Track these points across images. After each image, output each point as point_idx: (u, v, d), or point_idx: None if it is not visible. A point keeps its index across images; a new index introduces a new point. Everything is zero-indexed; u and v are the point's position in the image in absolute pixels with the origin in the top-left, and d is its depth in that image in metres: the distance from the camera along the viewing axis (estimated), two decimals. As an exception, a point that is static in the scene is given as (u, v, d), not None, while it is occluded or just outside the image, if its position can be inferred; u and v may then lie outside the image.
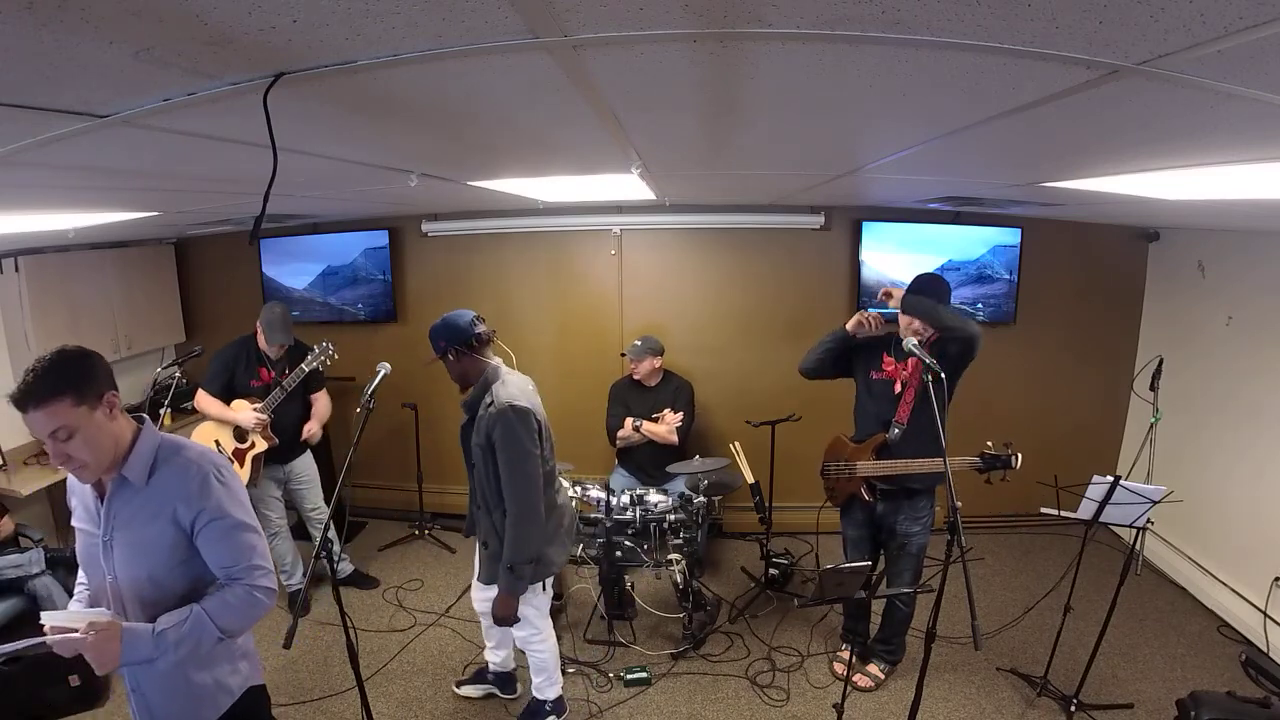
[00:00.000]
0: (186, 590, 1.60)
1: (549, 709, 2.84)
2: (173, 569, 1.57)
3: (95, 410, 1.46)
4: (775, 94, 1.17)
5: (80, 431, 1.43)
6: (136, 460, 1.54)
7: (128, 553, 1.56)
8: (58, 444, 1.43)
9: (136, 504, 1.55)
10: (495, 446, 2.35)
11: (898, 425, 2.78)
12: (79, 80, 0.90)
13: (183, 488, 1.56)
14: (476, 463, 2.47)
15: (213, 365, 3.49)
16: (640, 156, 2.00)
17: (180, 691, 1.64)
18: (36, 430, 1.43)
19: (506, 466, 2.35)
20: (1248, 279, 3.60)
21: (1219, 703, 2.46)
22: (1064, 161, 1.80)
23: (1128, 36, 0.75)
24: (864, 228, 4.35)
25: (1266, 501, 3.41)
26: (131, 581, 1.56)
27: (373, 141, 1.60)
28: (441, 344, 2.49)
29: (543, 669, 2.79)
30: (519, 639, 2.78)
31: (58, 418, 1.41)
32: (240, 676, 1.74)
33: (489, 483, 2.44)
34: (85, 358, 1.49)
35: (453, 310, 2.56)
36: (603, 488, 3.42)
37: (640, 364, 3.97)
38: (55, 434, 1.41)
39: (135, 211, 2.71)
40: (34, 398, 1.39)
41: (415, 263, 4.78)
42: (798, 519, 4.18)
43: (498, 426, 2.33)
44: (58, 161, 1.45)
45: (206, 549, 1.59)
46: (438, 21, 0.77)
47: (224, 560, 1.59)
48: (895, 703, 2.99)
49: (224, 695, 1.70)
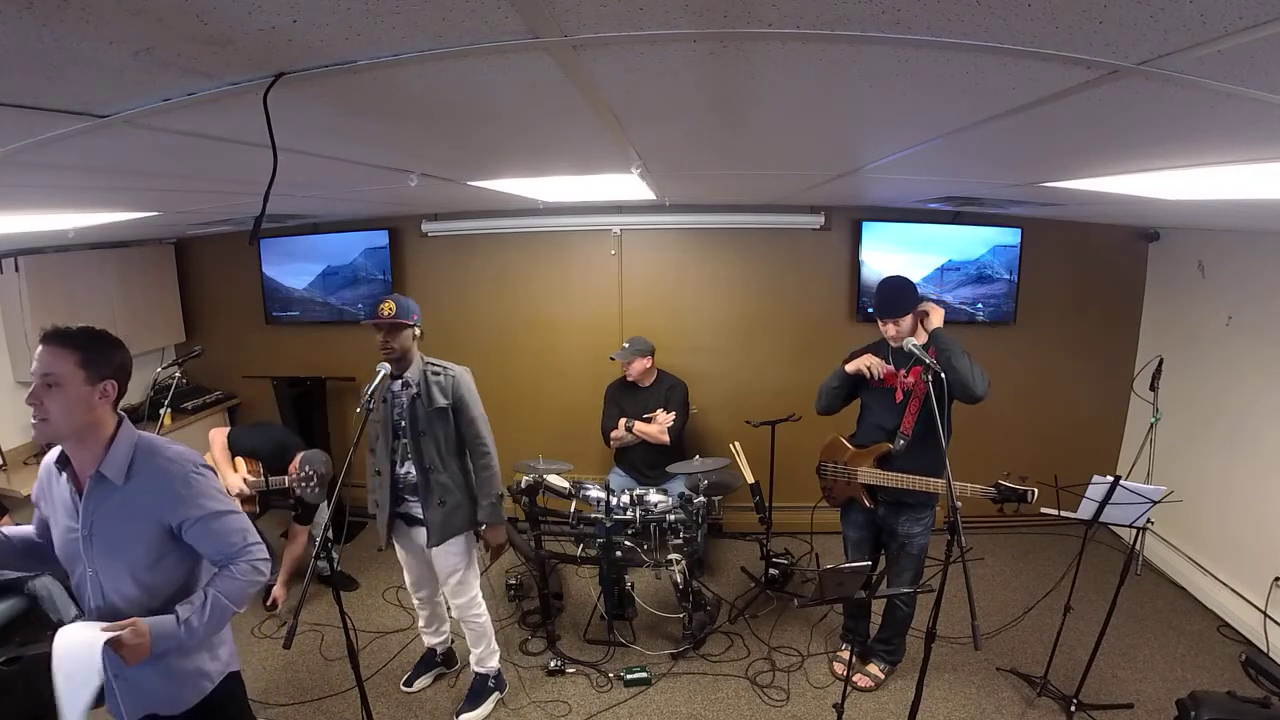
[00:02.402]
0: (170, 583, 1.67)
1: (492, 684, 3.00)
2: (150, 566, 1.64)
3: (89, 384, 1.54)
4: (775, 94, 1.17)
5: (64, 389, 1.51)
6: (114, 458, 1.59)
7: (107, 548, 1.61)
8: (41, 388, 1.51)
9: (114, 502, 1.60)
10: (464, 403, 2.72)
11: (902, 437, 2.78)
12: (79, 80, 0.90)
13: (166, 490, 1.62)
14: (427, 429, 2.68)
15: (247, 438, 3.45)
16: (640, 156, 2.00)
17: (164, 677, 1.69)
18: (37, 364, 1.52)
19: (479, 417, 2.77)
20: (1248, 279, 3.60)
21: (1219, 703, 2.45)
22: (1064, 161, 1.80)
23: (1128, 36, 0.75)
24: (864, 227, 4.35)
25: (1266, 501, 3.41)
26: (111, 575, 1.62)
27: (373, 141, 1.60)
28: (415, 317, 2.68)
29: (483, 635, 2.96)
30: (458, 607, 2.90)
31: (56, 364, 1.50)
32: (220, 663, 1.81)
33: (446, 443, 2.72)
34: (115, 344, 1.61)
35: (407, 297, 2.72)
36: (602, 488, 3.41)
37: (630, 365, 3.98)
38: (45, 377, 1.50)
39: (135, 211, 2.71)
40: (53, 338, 1.52)
41: (415, 263, 4.78)
42: (798, 519, 4.18)
43: (462, 386, 2.73)
44: (58, 161, 1.45)
45: (200, 543, 1.67)
46: (438, 21, 0.77)
47: (220, 548, 1.69)
48: (895, 703, 2.99)
49: (204, 680, 1.77)
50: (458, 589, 2.87)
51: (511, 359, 4.76)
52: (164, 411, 3.97)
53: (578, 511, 3.42)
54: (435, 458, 2.70)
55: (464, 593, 2.88)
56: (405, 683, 3.12)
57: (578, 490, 3.41)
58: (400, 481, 2.78)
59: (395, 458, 2.76)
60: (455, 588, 2.86)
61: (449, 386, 2.71)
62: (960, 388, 2.59)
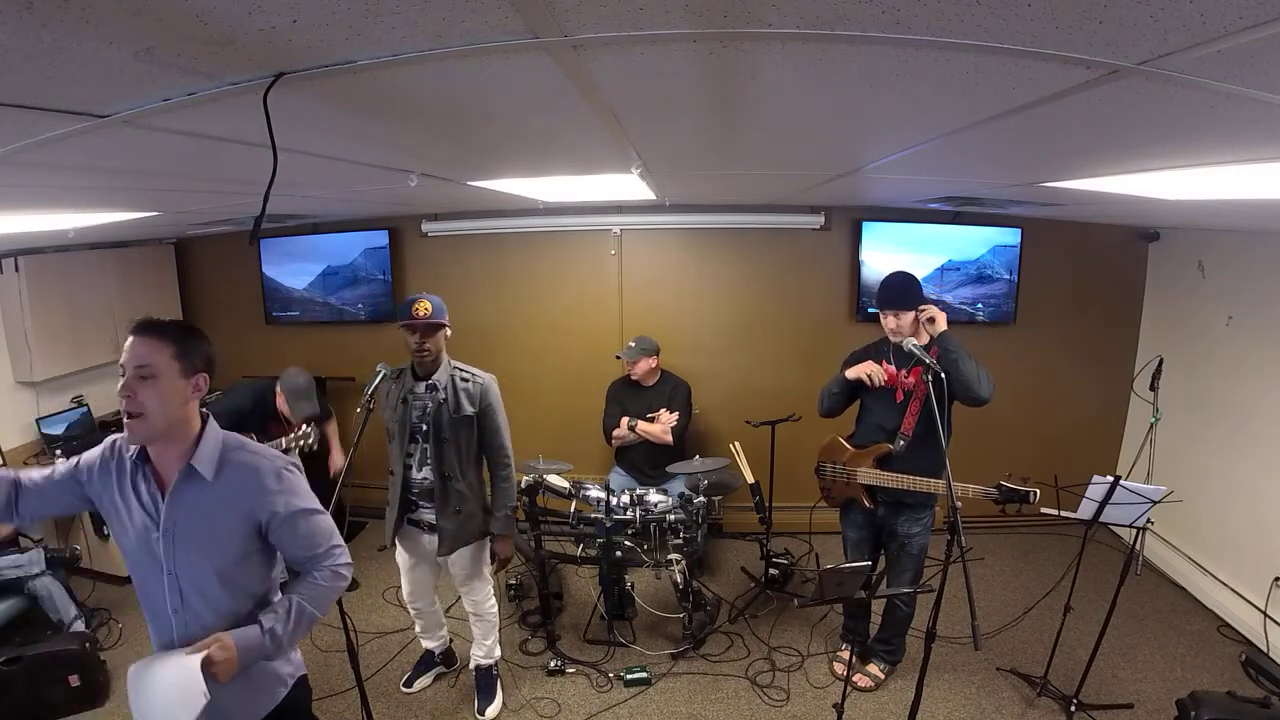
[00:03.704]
0: (250, 584, 1.62)
1: (495, 672, 3.04)
2: (239, 563, 1.59)
3: (184, 377, 1.50)
4: (775, 94, 1.17)
5: (161, 381, 1.46)
6: (204, 452, 1.54)
7: (191, 546, 1.54)
8: (135, 380, 1.45)
9: (205, 498, 1.54)
10: (490, 410, 2.69)
11: (903, 437, 2.78)
12: (79, 80, 0.90)
13: (257, 484, 1.57)
14: (450, 436, 2.63)
15: (224, 405, 3.42)
16: (640, 156, 2.00)
17: (242, 684, 1.62)
18: (130, 355, 1.46)
19: (503, 427, 2.75)
20: (1248, 279, 3.60)
21: (1219, 703, 2.46)
22: (1064, 161, 1.80)
23: (1128, 36, 0.75)
24: (864, 227, 4.35)
25: (1266, 501, 3.41)
26: (193, 575, 1.55)
27: (373, 141, 1.60)
28: (446, 318, 2.66)
29: (491, 630, 2.96)
30: (474, 603, 2.90)
31: (153, 354, 1.46)
32: (292, 666, 1.76)
33: (467, 451, 2.68)
34: (203, 336, 1.59)
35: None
36: (602, 488, 3.41)
37: (636, 365, 3.98)
38: (140, 369, 1.45)
39: (135, 211, 2.71)
40: (149, 329, 1.48)
41: (415, 263, 4.78)
42: (797, 519, 4.18)
43: (490, 394, 2.69)
44: (58, 161, 1.45)
45: (286, 541, 1.62)
46: (438, 21, 0.77)
47: (305, 548, 1.64)
48: (895, 703, 2.99)
49: (279, 685, 1.72)
50: (475, 587, 2.87)
51: (511, 359, 4.76)
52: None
53: (578, 511, 3.42)
54: (455, 466, 2.65)
55: (480, 589, 2.89)
56: (405, 683, 3.11)
57: (578, 490, 3.41)
58: (414, 486, 2.71)
59: (411, 461, 2.70)
60: (472, 586, 2.87)
61: (477, 394, 2.66)
62: (965, 391, 2.59)
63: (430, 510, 2.72)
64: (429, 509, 2.72)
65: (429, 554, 2.81)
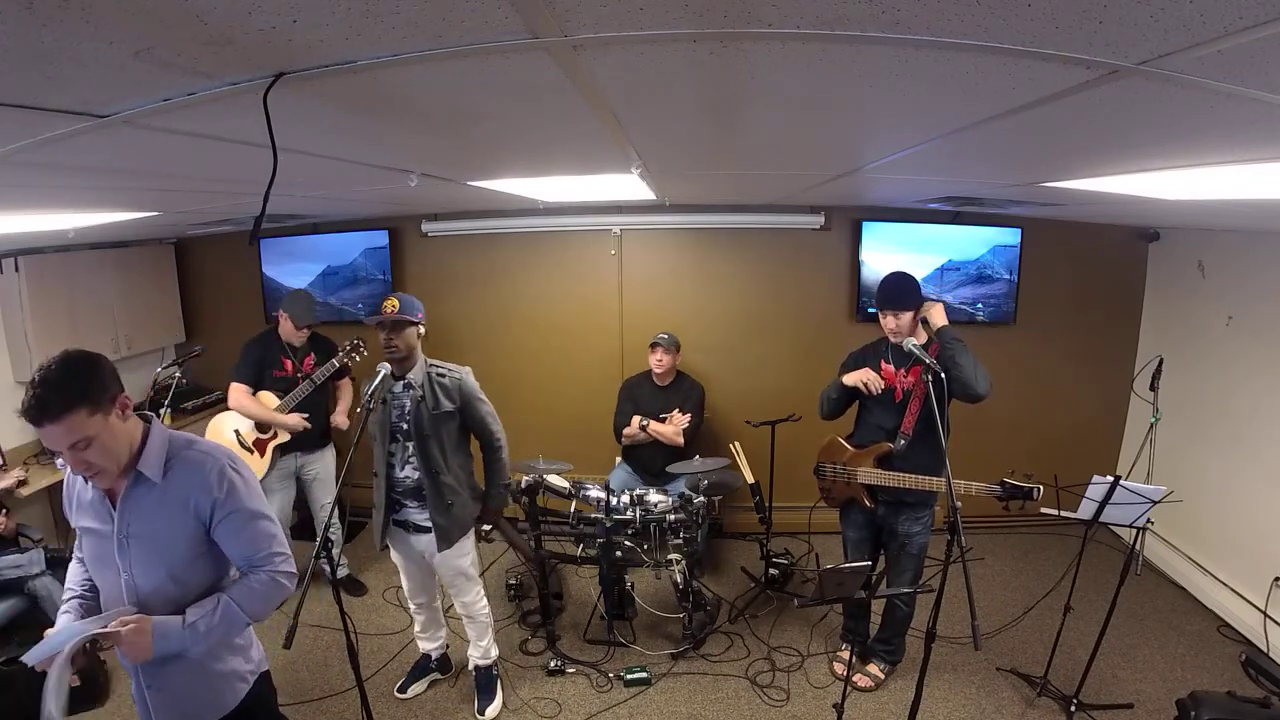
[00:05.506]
0: (205, 583, 1.63)
1: (495, 672, 3.06)
2: (191, 563, 1.60)
3: (109, 416, 1.45)
4: (775, 94, 1.17)
5: (98, 439, 1.42)
6: (150, 457, 1.55)
7: (146, 549, 1.56)
8: (77, 454, 1.41)
9: (153, 500, 1.56)
10: (472, 401, 2.73)
11: (903, 436, 2.78)
12: (79, 80, 0.90)
13: (200, 481, 1.57)
14: (431, 433, 2.65)
15: (244, 356, 3.52)
16: (640, 156, 2.00)
17: (203, 683, 1.66)
18: (53, 443, 1.41)
19: (489, 412, 2.81)
20: (1248, 280, 3.60)
21: (1219, 703, 2.46)
22: (1064, 161, 1.80)
23: (1128, 36, 0.75)
24: (864, 228, 4.35)
25: (1266, 501, 3.41)
26: (150, 578, 1.57)
27: (373, 141, 1.60)
28: (419, 315, 2.65)
29: (486, 630, 2.98)
30: (465, 604, 2.91)
31: (75, 430, 1.38)
32: (253, 664, 1.79)
33: (449, 443, 2.71)
34: (93, 363, 1.46)
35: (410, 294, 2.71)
36: (602, 488, 3.41)
37: (664, 357, 3.96)
38: (74, 446, 1.40)
39: (135, 211, 2.71)
40: (49, 413, 1.36)
41: (415, 263, 4.78)
42: (797, 519, 4.18)
43: (467, 386, 2.73)
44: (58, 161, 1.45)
45: (226, 541, 1.62)
46: (438, 21, 0.77)
47: (245, 550, 1.63)
48: (895, 703, 2.99)
49: (240, 683, 1.74)
50: (465, 587, 2.87)
51: (511, 359, 4.76)
52: (164, 411, 3.97)
53: (578, 511, 3.42)
54: (440, 460, 2.68)
55: (470, 589, 2.89)
56: (399, 689, 3.09)
57: (578, 490, 3.41)
58: (398, 485, 2.73)
59: (394, 460, 2.72)
60: (462, 586, 2.87)
61: (454, 389, 2.70)
62: (962, 386, 2.59)
63: (416, 509, 2.74)
64: (414, 508, 2.75)
65: (419, 554, 2.83)
